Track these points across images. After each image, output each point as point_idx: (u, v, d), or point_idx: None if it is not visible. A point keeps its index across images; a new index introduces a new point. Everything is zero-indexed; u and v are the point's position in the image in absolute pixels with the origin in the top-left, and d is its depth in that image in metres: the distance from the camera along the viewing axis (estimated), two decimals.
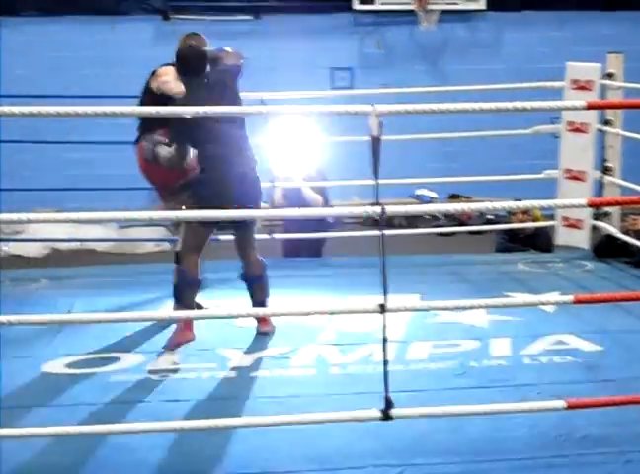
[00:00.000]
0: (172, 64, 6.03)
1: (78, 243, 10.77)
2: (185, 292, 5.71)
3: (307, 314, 4.13)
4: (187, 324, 5.65)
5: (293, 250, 8.08)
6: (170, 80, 5.91)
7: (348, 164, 11.87)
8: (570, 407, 4.01)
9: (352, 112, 3.74)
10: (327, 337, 5.76)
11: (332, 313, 5.61)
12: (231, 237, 5.96)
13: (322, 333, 5.83)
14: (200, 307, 5.95)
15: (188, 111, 4.26)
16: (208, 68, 5.83)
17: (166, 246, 10.72)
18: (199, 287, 5.81)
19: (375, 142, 3.79)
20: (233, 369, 5.25)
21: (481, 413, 4.11)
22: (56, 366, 5.33)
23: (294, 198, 7.77)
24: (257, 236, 7.40)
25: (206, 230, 5.77)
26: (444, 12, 12.71)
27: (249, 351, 5.53)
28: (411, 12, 12.70)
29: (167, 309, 6.15)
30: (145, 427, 3.98)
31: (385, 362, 3.95)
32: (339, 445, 4.20)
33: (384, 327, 3.90)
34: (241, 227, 5.83)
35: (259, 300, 5.83)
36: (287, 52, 12.77)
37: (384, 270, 3.89)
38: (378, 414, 3.89)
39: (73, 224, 9.57)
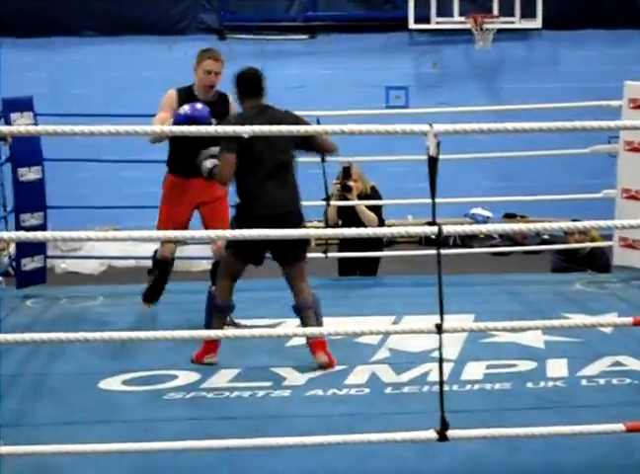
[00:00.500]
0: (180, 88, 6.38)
1: (134, 261, 10.84)
2: (213, 317, 5.67)
3: (363, 334, 4.11)
4: (211, 345, 5.63)
5: (348, 268, 8.07)
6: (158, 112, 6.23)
7: (402, 183, 11.89)
8: (629, 430, 3.96)
9: (409, 131, 3.73)
10: (381, 356, 5.75)
11: (388, 333, 5.60)
12: None
13: (376, 352, 5.82)
14: (237, 326, 6.06)
15: (244, 130, 4.24)
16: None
17: None
18: (227, 313, 5.81)
19: (432, 162, 3.78)
20: (287, 388, 5.25)
21: (537, 435, 4.06)
22: (113, 383, 5.36)
23: (349, 217, 7.76)
24: (312, 254, 7.43)
25: (239, 262, 5.69)
26: (500, 31, 12.66)
27: (303, 369, 5.52)
28: (467, 31, 12.67)
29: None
30: (199, 445, 3.99)
31: (441, 383, 3.92)
32: (393, 466, 4.18)
33: (441, 347, 3.88)
34: (288, 261, 5.70)
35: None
36: (343, 71, 12.81)
37: (440, 289, 3.87)
38: (434, 435, 3.87)
39: (129, 242, 9.62)
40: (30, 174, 7.24)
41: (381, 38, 13.09)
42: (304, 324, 5.65)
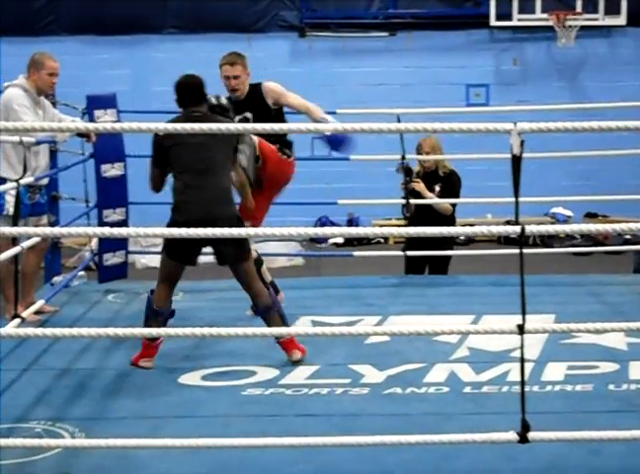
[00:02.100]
0: None
1: (213, 257, 10.91)
2: (151, 321, 5.51)
3: (443, 333, 4.08)
4: (151, 350, 5.53)
5: (417, 267, 8.00)
6: None
7: (481, 181, 11.80)
8: None
9: (492, 129, 3.69)
10: (461, 355, 5.71)
11: (469, 333, 5.56)
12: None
13: (456, 351, 5.78)
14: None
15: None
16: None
17: (299, 261, 10.80)
18: (166, 318, 5.59)
19: (516, 161, 3.73)
20: (366, 386, 5.24)
21: (619, 438, 3.99)
22: (192, 378, 5.40)
23: (422, 209, 7.73)
24: (389, 252, 7.41)
25: (175, 265, 5.61)
26: (583, 28, 12.50)
27: (382, 367, 5.51)
28: (549, 28, 12.54)
29: (301, 325, 6.21)
30: (278, 442, 3.99)
31: (523, 384, 3.87)
32: (472, 467, 4.14)
33: (522, 348, 3.83)
34: (227, 263, 5.63)
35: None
36: (423, 69, 12.76)
37: (522, 289, 3.82)
38: (515, 437, 3.82)
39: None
40: (112, 170, 7.33)
41: (462, 35, 13.01)
42: (270, 325, 5.52)
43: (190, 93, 5.69)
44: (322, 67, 12.58)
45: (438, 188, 7.84)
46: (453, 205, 7.85)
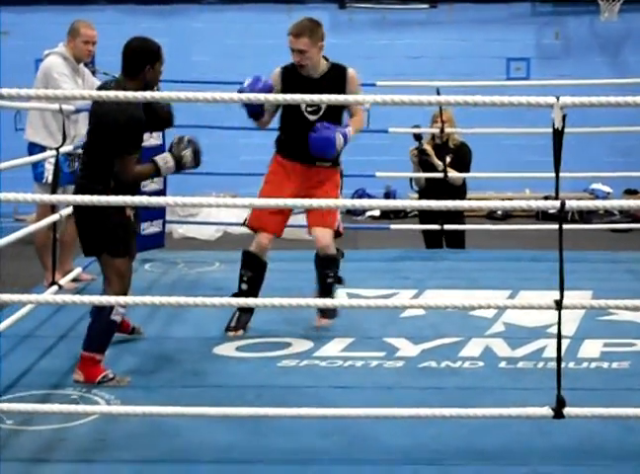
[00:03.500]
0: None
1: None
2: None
3: (480, 307, 4.06)
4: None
5: (435, 241, 7.99)
6: None
7: (519, 155, 11.71)
8: None
9: (534, 103, 3.66)
10: (497, 330, 5.69)
11: (506, 308, 5.54)
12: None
13: (492, 326, 5.77)
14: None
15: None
16: None
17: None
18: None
19: (558, 135, 3.70)
20: (401, 359, 5.24)
21: None
22: (227, 349, 5.42)
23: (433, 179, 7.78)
24: (426, 226, 7.40)
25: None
26: (627, 2, 12.34)
27: (417, 341, 5.51)
28: (592, 1, 12.39)
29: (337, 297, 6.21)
30: (313, 412, 4.00)
31: (559, 360, 3.85)
32: (506, 441, 4.13)
33: (559, 323, 3.80)
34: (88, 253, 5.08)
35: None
36: (463, 42, 12.66)
37: (561, 265, 3.79)
38: (550, 412, 3.81)
39: (246, 209, 9.70)
40: (151, 139, 7.32)
41: (503, 8, 12.89)
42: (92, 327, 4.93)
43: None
44: (362, 39, 12.52)
45: (449, 159, 7.82)
46: (464, 178, 7.86)
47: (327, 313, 5.72)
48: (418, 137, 7.86)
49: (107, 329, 4.88)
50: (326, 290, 5.73)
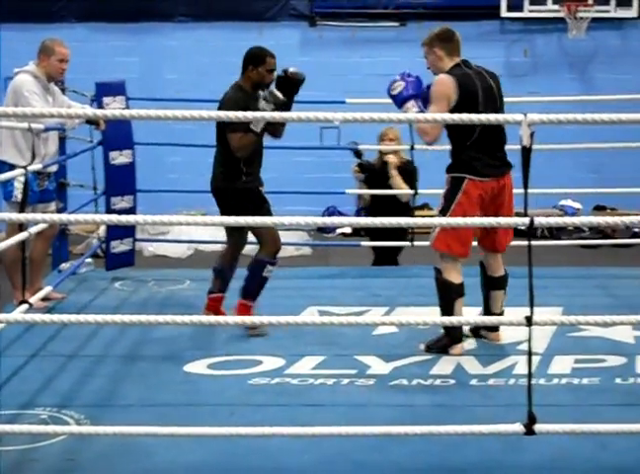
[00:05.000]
0: None
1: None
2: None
3: (451, 324, 4.07)
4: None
5: (387, 257, 8.01)
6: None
7: None
8: None
9: (502, 120, 3.67)
10: (467, 347, 5.70)
11: (477, 324, 5.55)
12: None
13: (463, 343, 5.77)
14: None
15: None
16: None
17: (306, 250, 10.78)
18: None
19: (526, 152, 3.72)
20: (372, 377, 5.23)
21: (627, 432, 3.98)
22: (198, 367, 5.40)
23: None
24: (397, 243, 7.40)
25: None
26: (594, 20, 12.43)
27: (389, 358, 5.50)
28: (560, 20, 12.47)
29: (308, 315, 6.20)
30: (284, 431, 3.99)
31: (530, 376, 3.86)
32: (477, 458, 4.13)
33: (530, 340, 3.81)
34: None
35: None
36: None
37: (531, 281, 3.81)
38: (521, 429, 3.81)
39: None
40: (121, 157, 7.32)
41: (472, 26, 12.92)
42: None
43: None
44: (332, 57, 12.54)
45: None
46: (413, 195, 7.86)
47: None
48: (358, 154, 7.91)
49: (259, 283, 5.97)
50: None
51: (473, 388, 5.07)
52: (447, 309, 5.44)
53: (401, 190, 7.73)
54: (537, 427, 3.82)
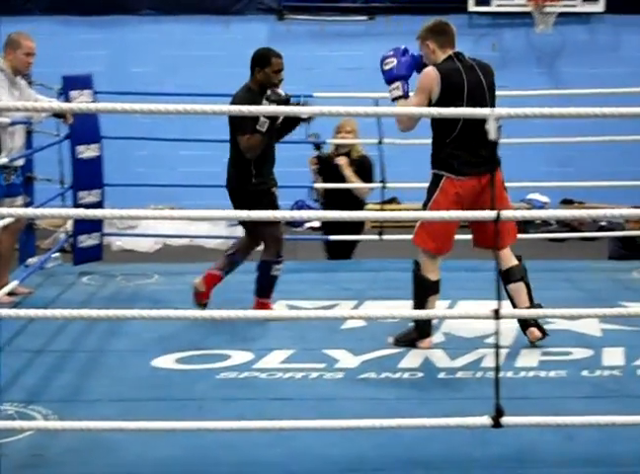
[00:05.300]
0: None
1: (188, 239, 10.88)
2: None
3: (420, 317, 4.08)
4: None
5: (340, 251, 8.02)
6: None
7: None
8: None
9: (469, 115, 3.68)
10: (436, 340, 5.71)
11: (445, 318, 5.56)
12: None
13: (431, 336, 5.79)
14: None
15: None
16: None
17: None
18: None
19: (493, 146, 3.73)
20: (341, 370, 5.24)
21: (593, 424, 4.01)
22: (167, 361, 5.39)
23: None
24: (365, 237, 7.41)
25: None
26: (562, 14, 12.50)
27: (357, 352, 5.51)
28: (527, 14, 12.53)
29: (277, 309, 6.20)
30: (253, 425, 3.98)
31: (497, 369, 3.88)
32: (445, 451, 4.15)
33: (497, 333, 3.83)
34: None
35: None
36: None
37: (498, 275, 3.82)
38: (489, 421, 3.83)
39: (184, 221, 9.65)
40: (88, 151, 7.29)
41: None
42: None
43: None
44: (300, 51, 12.51)
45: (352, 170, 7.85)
46: (372, 190, 7.87)
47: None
48: (317, 146, 7.91)
49: (269, 281, 6.23)
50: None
51: (441, 381, 5.09)
52: (419, 304, 5.44)
53: (359, 187, 7.73)
54: (504, 419, 3.83)
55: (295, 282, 6.94)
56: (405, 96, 5.56)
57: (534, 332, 5.51)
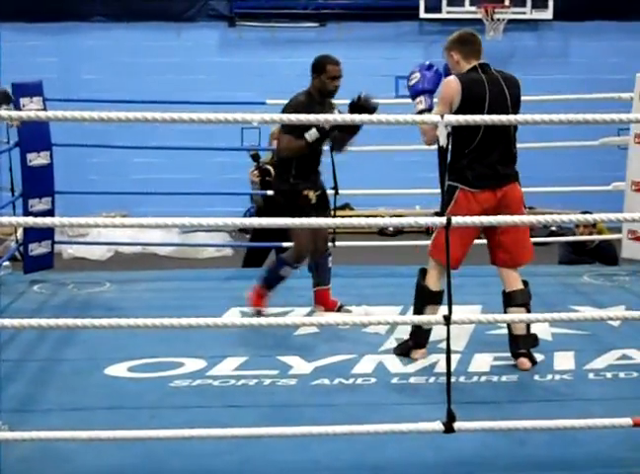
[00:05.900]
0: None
1: (140, 247, 10.85)
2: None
3: (370, 324, 4.10)
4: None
5: (257, 258, 8.07)
6: None
7: (410, 172, 11.84)
8: (636, 425, 3.93)
9: (420, 121, 3.71)
10: (389, 346, 5.73)
11: (396, 324, 5.58)
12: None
13: (384, 342, 5.80)
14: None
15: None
16: None
17: (228, 251, 10.76)
18: None
19: (442, 153, 3.76)
20: (294, 377, 5.24)
21: (544, 428, 4.05)
22: (119, 370, 5.36)
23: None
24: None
25: None
26: (511, 21, 12.62)
27: (310, 358, 5.52)
28: (477, 21, 12.63)
29: (230, 316, 6.19)
30: (206, 433, 3.98)
31: (449, 374, 3.90)
32: (398, 456, 4.17)
33: (448, 338, 3.86)
34: None
35: None
36: (353, 60, 12.68)
37: (449, 281, 3.85)
38: (441, 427, 3.85)
39: (136, 228, 9.61)
40: (38, 159, 7.23)
41: (392, 26, 13.05)
42: None
43: None
44: (252, 57, 12.53)
45: None
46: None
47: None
48: (255, 157, 7.92)
49: (275, 278, 6.33)
50: None
51: (394, 387, 5.11)
52: (418, 312, 5.39)
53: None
54: (457, 424, 3.86)
55: (248, 289, 6.94)
56: (429, 109, 5.48)
57: (525, 363, 5.38)
